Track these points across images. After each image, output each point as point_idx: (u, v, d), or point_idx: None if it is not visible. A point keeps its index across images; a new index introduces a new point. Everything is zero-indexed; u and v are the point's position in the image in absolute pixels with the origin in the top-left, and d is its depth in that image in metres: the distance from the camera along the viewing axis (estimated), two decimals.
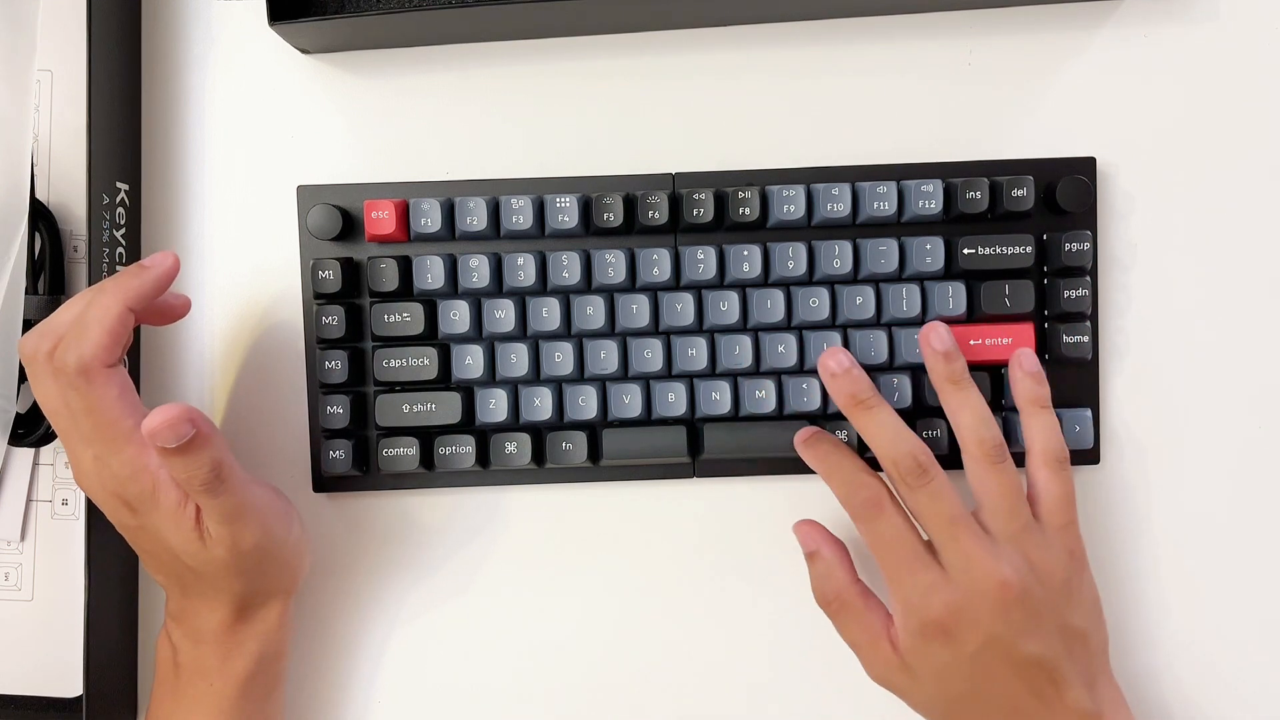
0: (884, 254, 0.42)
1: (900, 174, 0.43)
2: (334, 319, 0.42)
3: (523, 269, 0.42)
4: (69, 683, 0.44)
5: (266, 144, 0.45)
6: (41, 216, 0.43)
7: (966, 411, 0.38)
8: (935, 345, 0.39)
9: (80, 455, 0.36)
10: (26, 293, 0.42)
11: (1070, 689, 0.36)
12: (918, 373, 0.42)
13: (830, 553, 0.40)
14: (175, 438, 0.34)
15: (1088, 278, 0.42)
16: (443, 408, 0.42)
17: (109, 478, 0.36)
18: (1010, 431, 0.42)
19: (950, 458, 0.43)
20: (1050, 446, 0.39)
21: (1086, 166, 0.43)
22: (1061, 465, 0.38)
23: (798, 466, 0.43)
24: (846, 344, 0.42)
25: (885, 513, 0.38)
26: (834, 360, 0.39)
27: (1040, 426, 0.39)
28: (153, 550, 0.38)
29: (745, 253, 0.42)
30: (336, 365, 0.42)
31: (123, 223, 0.44)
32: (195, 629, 0.39)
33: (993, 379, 0.42)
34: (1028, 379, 0.39)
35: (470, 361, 0.42)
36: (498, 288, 0.43)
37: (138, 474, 0.35)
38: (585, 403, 0.42)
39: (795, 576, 0.45)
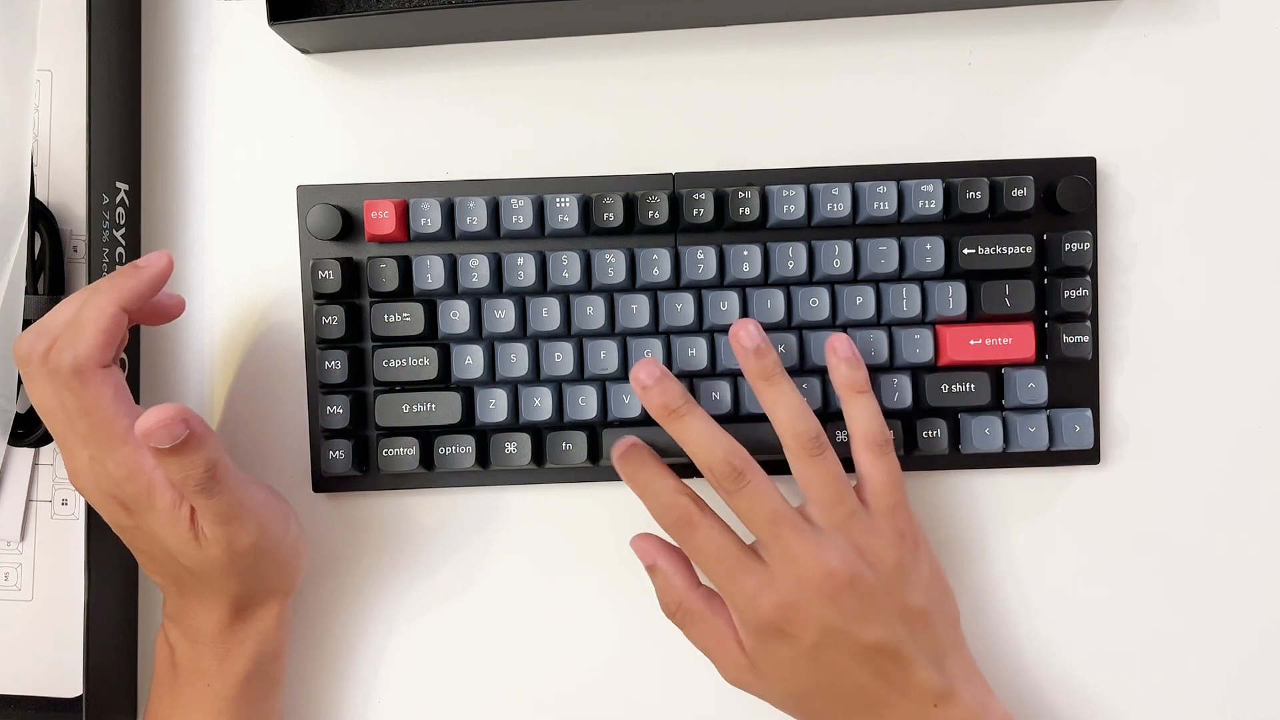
0: (884, 254, 0.42)
1: (900, 174, 0.43)
2: (334, 319, 0.42)
3: (523, 269, 0.42)
4: (69, 683, 0.44)
5: (266, 144, 0.45)
6: (41, 216, 0.43)
7: (780, 406, 0.38)
8: (745, 343, 0.39)
9: (75, 455, 0.36)
10: (26, 293, 0.42)
11: (917, 669, 0.36)
12: (918, 373, 0.42)
13: (667, 563, 0.39)
14: (169, 438, 0.34)
15: (1088, 278, 0.42)
16: (443, 408, 0.42)
17: (104, 478, 0.36)
18: (1010, 431, 0.42)
19: (949, 458, 0.43)
20: (870, 430, 0.39)
21: (1086, 166, 0.43)
22: (883, 449, 0.38)
23: None
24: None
25: (699, 527, 0.37)
26: (644, 372, 0.39)
27: (859, 411, 0.39)
28: (149, 550, 0.38)
29: (745, 253, 0.42)
30: (336, 365, 0.42)
31: (122, 222, 0.44)
32: (192, 629, 0.39)
33: (993, 379, 0.42)
34: (843, 365, 0.39)
35: (470, 361, 0.42)
36: (498, 288, 0.43)
37: (133, 475, 0.35)
38: (585, 403, 0.42)
39: None
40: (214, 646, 0.39)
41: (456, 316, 0.42)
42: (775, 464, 0.43)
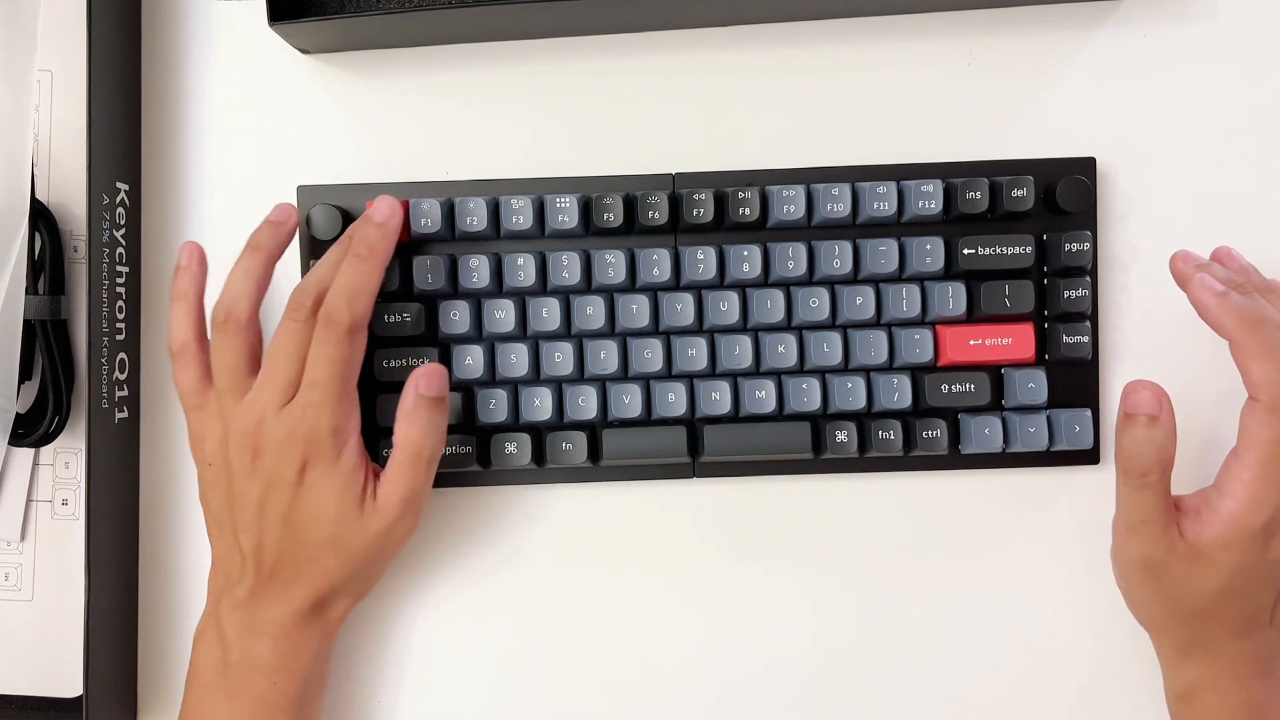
0: (884, 254, 0.42)
1: (900, 174, 0.43)
2: None
3: (523, 269, 0.42)
4: (69, 683, 0.44)
5: (266, 144, 0.45)
6: (41, 216, 0.43)
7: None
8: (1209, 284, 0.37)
9: (268, 403, 0.37)
10: (26, 293, 0.42)
11: None
12: (918, 373, 0.42)
13: (1170, 423, 0.38)
14: (439, 389, 0.38)
15: (1088, 278, 0.42)
16: None
17: (310, 426, 0.37)
18: (1010, 431, 0.42)
19: (949, 458, 0.43)
20: None
21: (1086, 166, 0.43)
22: None
23: (797, 467, 0.43)
24: (846, 344, 0.42)
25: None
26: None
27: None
28: (289, 515, 0.38)
29: (745, 253, 0.42)
30: None
31: (123, 223, 0.44)
32: (263, 620, 0.38)
33: (993, 379, 0.42)
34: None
35: (470, 361, 0.42)
36: (498, 288, 0.43)
37: (342, 427, 0.38)
38: (585, 403, 0.42)
39: (795, 576, 0.45)
40: (283, 641, 0.39)
41: (456, 316, 0.42)
42: (778, 465, 0.43)
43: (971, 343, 0.42)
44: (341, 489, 0.38)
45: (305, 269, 0.43)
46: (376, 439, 0.43)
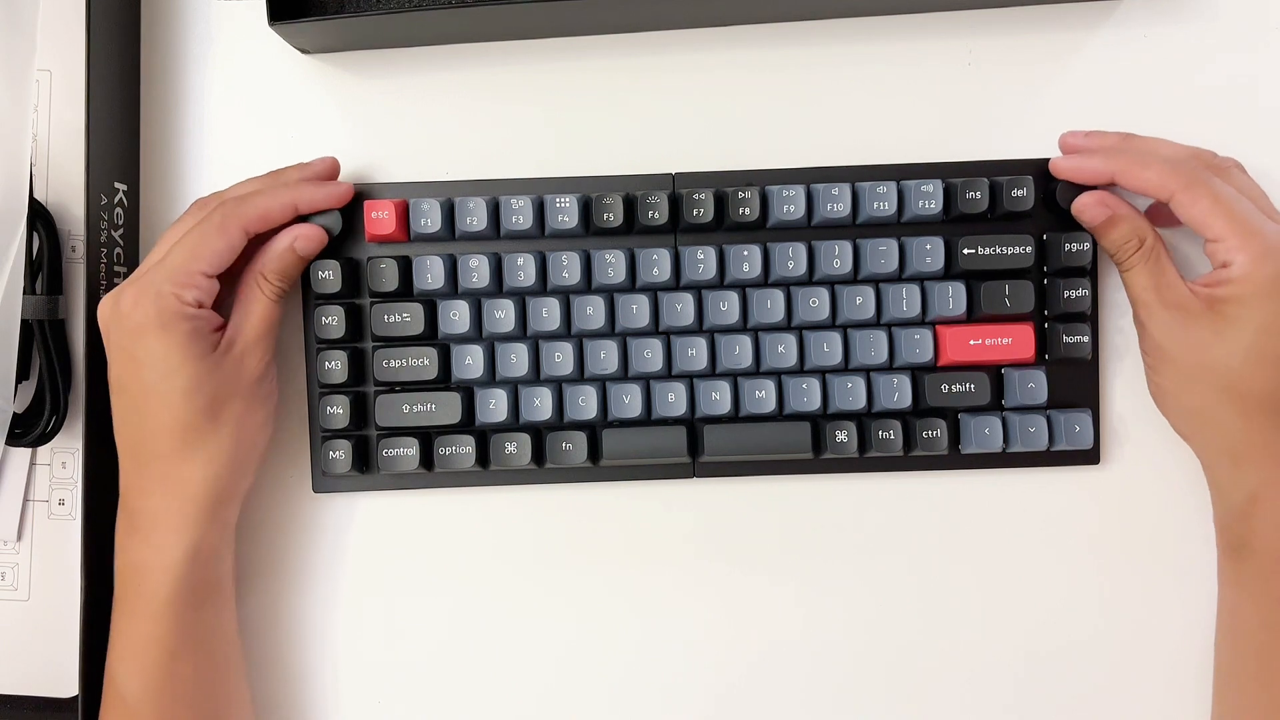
0: (884, 254, 0.42)
1: (900, 174, 0.43)
2: (334, 319, 0.42)
3: (523, 269, 0.42)
4: (65, 683, 0.44)
5: (266, 144, 0.45)
6: (40, 216, 0.43)
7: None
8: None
9: (151, 275, 0.38)
10: (24, 293, 0.42)
11: None
12: (918, 373, 0.42)
13: (1126, 209, 0.40)
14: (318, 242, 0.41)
15: (1088, 278, 0.42)
16: (443, 408, 0.42)
17: (137, 295, 0.38)
18: (1010, 431, 0.42)
19: (949, 458, 0.43)
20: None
21: None
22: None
23: (797, 467, 0.43)
24: (846, 344, 0.42)
25: (1218, 184, 0.37)
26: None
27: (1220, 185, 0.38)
28: (168, 374, 0.38)
29: (745, 253, 0.42)
30: (336, 365, 0.42)
31: (121, 223, 0.44)
32: (140, 506, 0.39)
33: (993, 379, 0.42)
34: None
35: (470, 361, 0.42)
36: (498, 288, 0.43)
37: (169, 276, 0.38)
38: (585, 403, 0.42)
39: (795, 576, 0.45)
40: (162, 523, 0.38)
41: (456, 316, 0.42)
42: (778, 465, 0.43)
43: (971, 343, 0.42)
44: (193, 330, 0.38)
45: (304, 270, 0.43)
46: (377, 439, 0.43)
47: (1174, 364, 0.39)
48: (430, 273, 0.42)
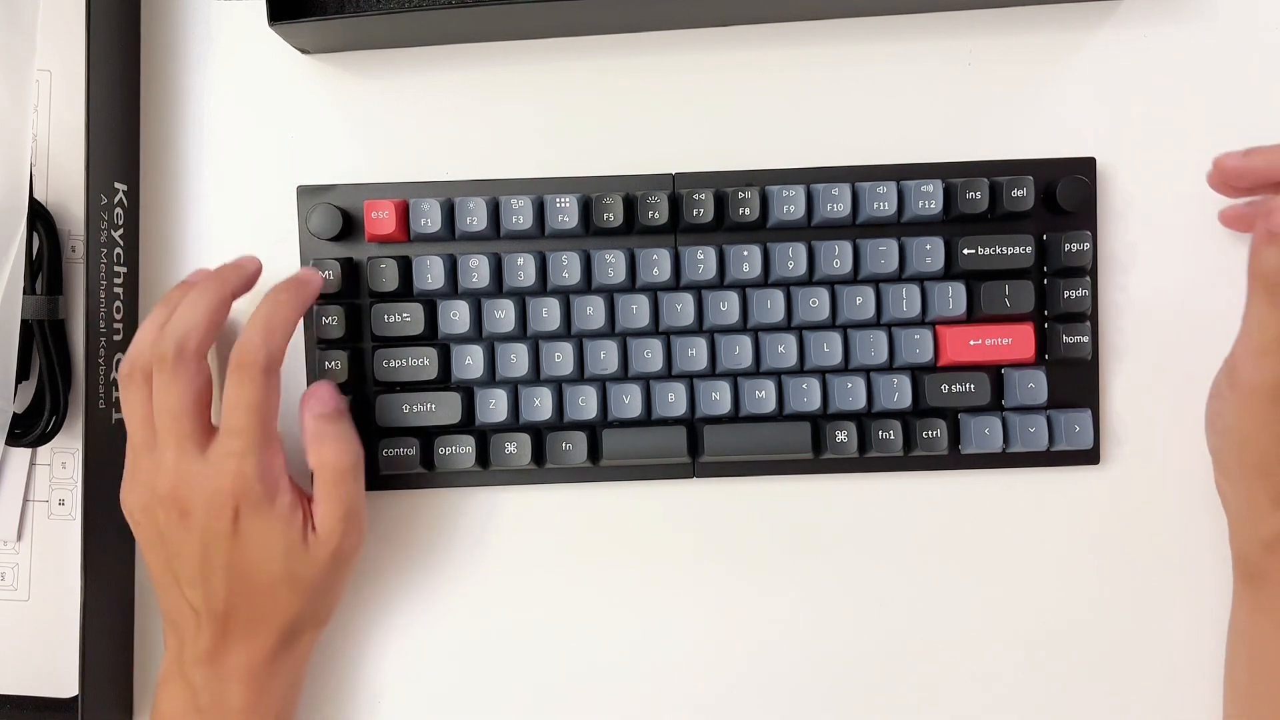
0: (884, 254, 0.42)
1: (900, 174, 0.43)
2: (334, 319, 0.42)
3: (523, 269, 0.42)
4: (65, 683, 0.44)
5: (266, 144, 0.45)
6: (39, 216, 0.43)
7: None
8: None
9: (175, 457, 0.36)
10: (24, 293, 0.42)
11: None
12: (918, 373, 0.42)
13: None
14: (332, 404, 0.39)
15: (1088, 278, 0.42)
16: (443, 408, 0.42)
17: (236, 476, 0.36)
18: (1010, 431, 0.42)
19: (949, 458, 0.43)
20: None
21: (1086, 166, 0.43)
22: None
23: (797, 467, 0.43)
24: (846, 344, 0.42)
25: None
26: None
27: None
28: (224, 565, 0.37)
29: (745, 253, 0.42)
30: (336, 365, 0.42)
31: (121, 223, 0.44)
32: (230, 667, 0.38)
33: (993, 379, 0.42)
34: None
35: (470, 361, 0.42)
36: (498, 288, 0.43)
37: (269, 469, 0.37)
38: (585, 403, 0.42)
39: (795, 576, 0.45)
40: (253, 683, 0.38)
41: (456, 316, 0.42)
42: (778, 465, 0.43)
43: (971, 343, 0.42)
44: (283, 529, 0.37)
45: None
46: (377, 439, 0.43)
47: (1268, 403, 0.37)
48: (430, 273, 0.42)
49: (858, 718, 0.44)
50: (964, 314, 0.42)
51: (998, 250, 0.42)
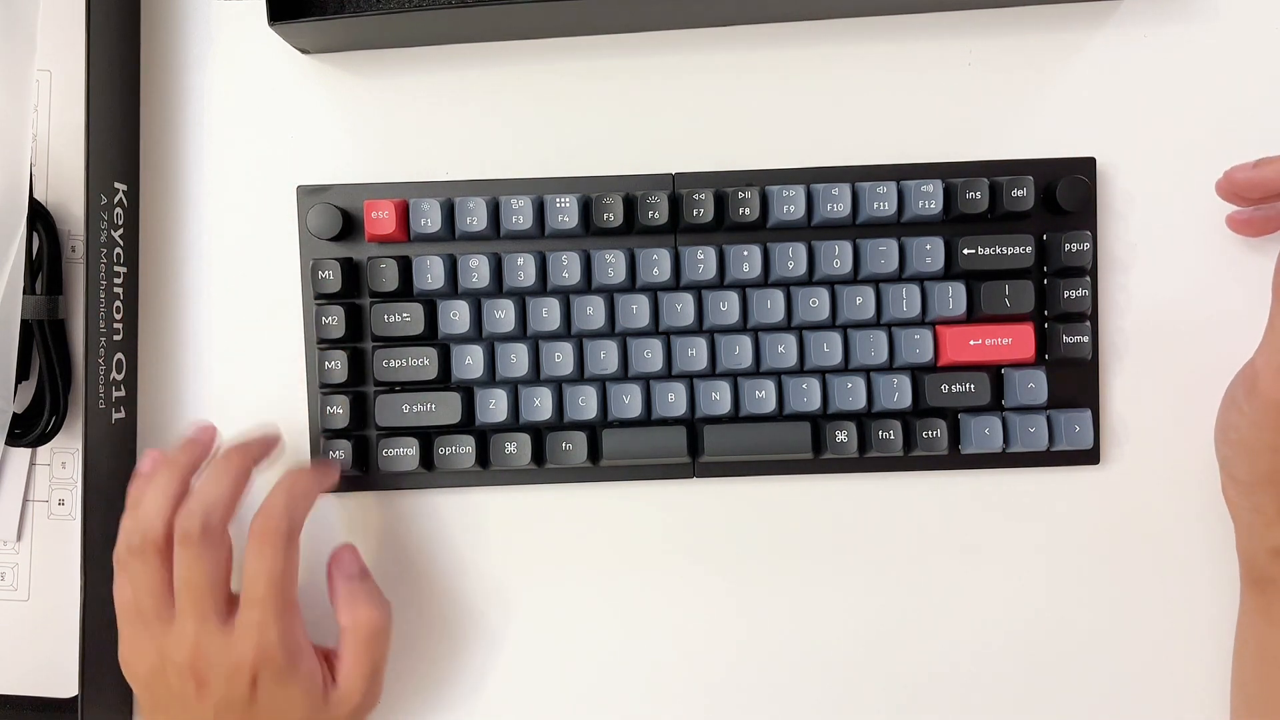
0: (884, 254, 0.42)
1: (900, 174, 0.43)
2: (334, 319, 0.42)
3: (523, 269, 0.42)
4: (64, 683, 0.44)
5: (266, 144, 0.45)
6: (39, 216, 0.43)
7: None
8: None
9: (198, 630, 0.36)
10: (24, 293, 0.42)
11: None
12: (918, 373, 0.42)
13: None
14: (358, 566, 0.40)
15: (1088, 278, 0.42)
16: (443, 408, 0.42)
17: (259, 647, 0.36)
18: (1010, 431, 0.42)
19: (949, 458, 0.43)
20: None
21: (1086, 166, 0.43)
22: None
23: (797, 467, 0.43)
24: (846, 344, 0.42)
25: None
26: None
27: None
28: None
29: (745, 253, 0.42)
30: (336, 365, 0.42)
31: (121, 223, 0.44)
32: None
33: (993, 379, 0.42)
34: None
35: (470, 361, 0.42)
36: (498, 288, 0.43)
37: (292, 637, 0.37)
38: (585, 403, 0.42)
39: (795, 576, 0.45)
40: None
41: (456, 316, 0.42)
42: (778, 465, 0.43)
43: (971, 343, 0.42)
44: (304, 693, 0.37)
45: (304, 271, 0.43)
46: (377, 439, 0.43)
47: (1278, 410, 0.37)
48: (430, 273, 0.42)
49: (858, 717, 0.44)
50: (964, 314, 0.42)
51: (998, 250, 0.42)
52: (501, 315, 0.42)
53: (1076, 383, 0.43)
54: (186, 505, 0.37)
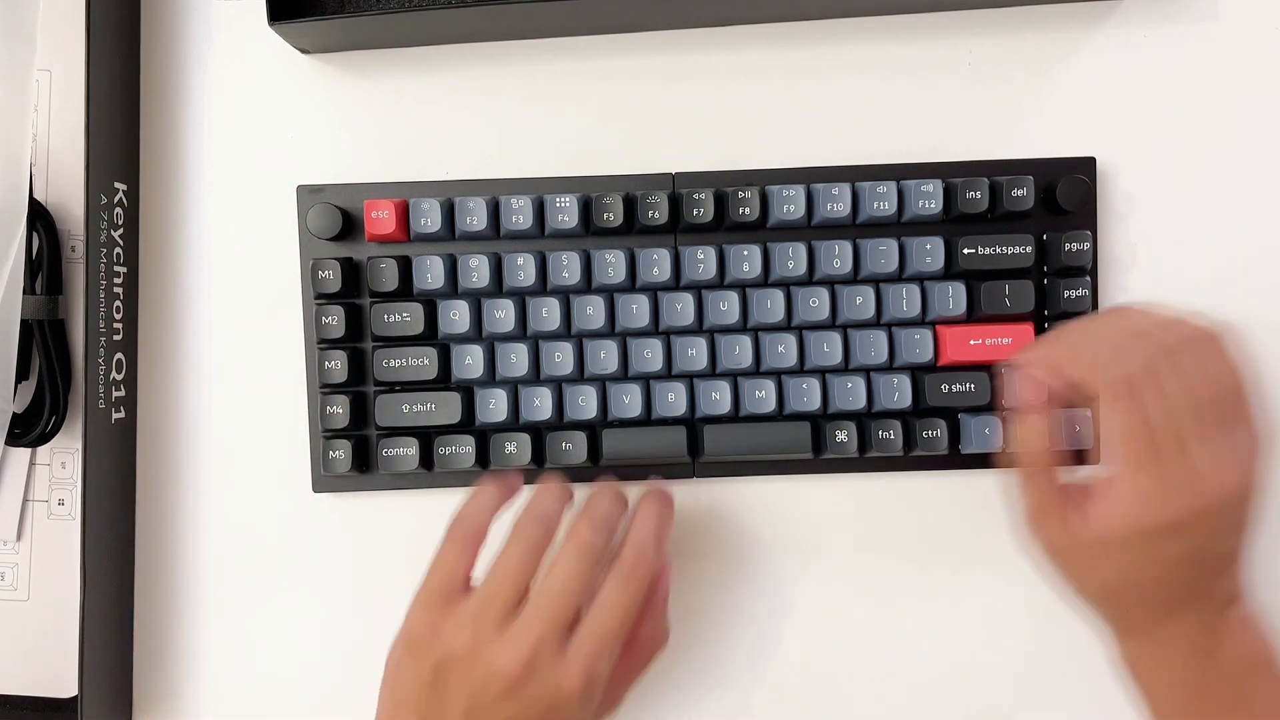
0: (884, 254, 0.42)
1: (900, 174, 0.43)
2: (334, 319, 0.42)
3: (523, 269, 0.42)
4: (64, 683, 0.44)
5: (266, 144, 0.45)
6: (39, 216, 0.43)
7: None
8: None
9: (540, 644, 0.34)
10: (24, 292, 0.42)
11: (1224, 575, 0.36)
12: (918, 373, 0.42)
13: (1049, 416, 0.37)
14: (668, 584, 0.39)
15: (1088, 278, 0.42)
16: (443, 408, 0.42)
17: (587, 675, 0.35)
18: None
19: (949, 458, 0.43)
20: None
21: (1086, 166, 0.43)
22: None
23: (797, 467, 0.43)
24: (846, 344, 0.42)
25: (1147, 397, 0.34)
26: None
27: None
28: None
29: (745, 253, 0.42)
30: (336, 365, 0.42)
31: (120, 223, 0.44)
32: None
33: (993, 379, 0.42)
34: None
35: (470, 361, 0.42)
36: (498, 288, 0.43)
37: (608, 673, 0.36)
38: (585, 403, 0.42)
39: (795, 576, 0.45)
40: None
41: (456, 316, 0.42)
42: (778, 465, 0.43)
43: (971, 342, 0.42)
44: (589, 714, 0.36)
45: (304, 271, 0.43)
46: (377, 439, 0.43)
47: (1051, 565, 0.37)
48: (430, 273, 0.42)
49: (858, 714, 0.44)
50: (964, 314, 0.42)
51: (998, 250, 0.42)
52: (501, 315, 0.42)
53: None
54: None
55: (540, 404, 0.42)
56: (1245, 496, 0.35)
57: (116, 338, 0.43)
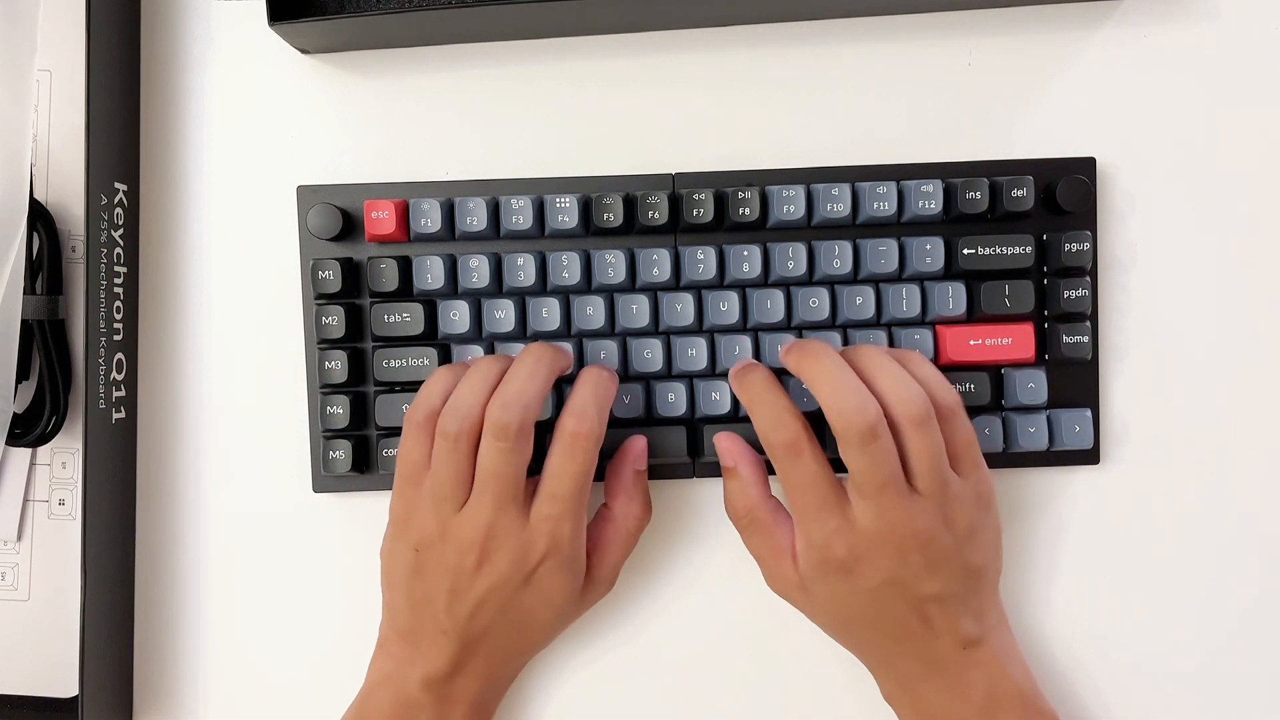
0: (884, 254, 0.42)
1: (900, 174, 0.43)
2: (334, 319, 0.42)
3: (523, 269, 0.42)
4: (64, 683, 0.44)
5: (266, 144, 0.45)
6: (40, 216, 0.43)
7: (887, 380, 0.37)
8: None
9: (494, 516, 0.37)
10: (24, 293, 0.42)
11: (961, 619, 0.37)
12: None
13: (748, 471, 0.40)
14: (644, 460, 0.41)
15: (1088, 278, 0.42)
16: None
17: (550, 538, 0.37)
18: (1010, 431, 0.42)
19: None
20: (946, 400, 0.37)
21: (1086, 166, 0.43)
22: (954, 414, 0.37)
23: None
24: (846, 344, 0.42)
25: (803, 454, 0.37)
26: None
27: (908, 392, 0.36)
28: (500, 605, 0.38)
29: (745, 253, 0.42)
30: (336, 365, 0.42)
31: (121, 223, 0.44)
32: (460, 691, 0.39)
33: (993, 379, 0.42)
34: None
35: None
36: (498, 288, 0.43)
37: (578, 532, 0.38)
38: None
39: None
40: (478, 711, 0.40)
41: (456, 316, 0.42)
42: None
43: (971, 343, 0.42)
44: (572, 582, 0.39)
45: (304, 271, 0.43)
46: (377, 439, 0.43)
47: (787, 602, 0.40)
48: (430, 273, 0.42)
49: (858, 715, 0.44)
50: (964, 314, 0.42)
51: (998, 250, 0.42)
52: (501, 315, 0.42)
53: (1076, 383, 0.43)
54: (503, 398, 0.37)
55: None
56: (913, 541, 0.36)
57: (117, 338, 0.43)
